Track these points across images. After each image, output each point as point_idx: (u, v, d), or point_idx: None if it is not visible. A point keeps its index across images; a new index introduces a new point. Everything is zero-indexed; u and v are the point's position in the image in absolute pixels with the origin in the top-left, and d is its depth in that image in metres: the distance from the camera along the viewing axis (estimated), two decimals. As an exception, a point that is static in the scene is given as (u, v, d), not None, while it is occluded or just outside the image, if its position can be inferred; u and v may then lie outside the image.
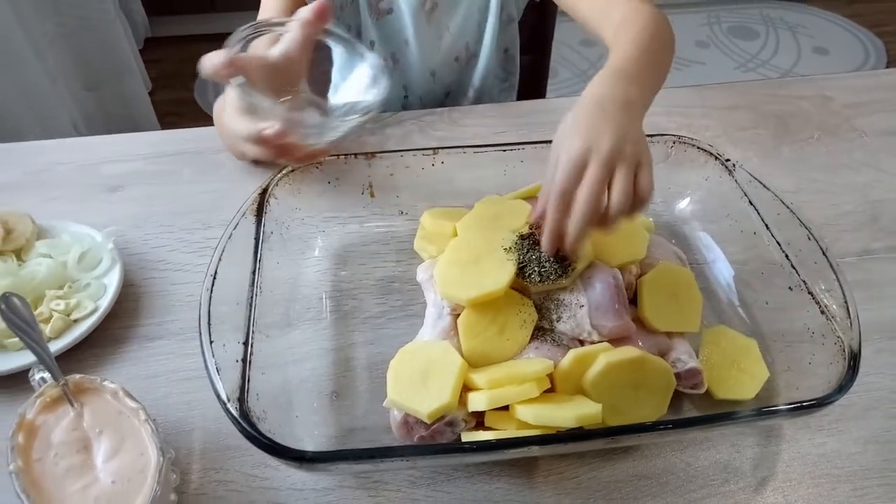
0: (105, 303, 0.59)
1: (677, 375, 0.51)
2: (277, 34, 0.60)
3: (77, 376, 0.49)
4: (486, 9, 0.90)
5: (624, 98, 0.56)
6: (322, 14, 0.59)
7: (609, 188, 0.49)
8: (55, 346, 0.55)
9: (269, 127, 0.53)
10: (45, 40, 1.69)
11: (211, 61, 0.53)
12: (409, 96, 0.96)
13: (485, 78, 0.95)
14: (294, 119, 0.55)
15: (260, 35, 0.59)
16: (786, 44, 2.51)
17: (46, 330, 0.56)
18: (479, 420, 0.50)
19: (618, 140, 0.50)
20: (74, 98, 1.83)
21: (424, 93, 0.95)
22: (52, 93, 1.67)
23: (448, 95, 0.98)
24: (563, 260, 0.52)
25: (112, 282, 0.61)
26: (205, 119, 0.76)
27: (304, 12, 0.59)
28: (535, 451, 0.46)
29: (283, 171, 0.62)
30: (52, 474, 0.45)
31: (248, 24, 0.59)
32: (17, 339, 0.56)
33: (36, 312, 0.56)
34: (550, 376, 0.50)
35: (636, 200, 0.50)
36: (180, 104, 2.20)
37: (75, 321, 0.58)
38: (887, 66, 2.41)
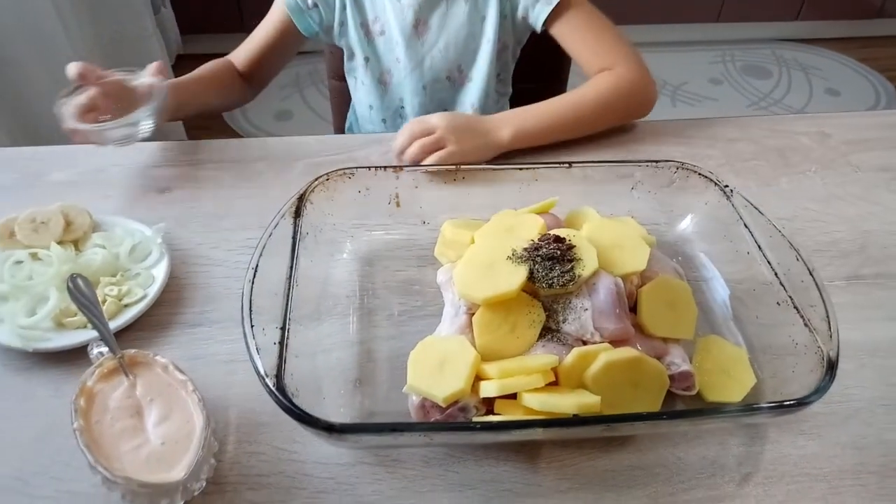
0: (153, 291, 0.66)
1: (671, 377, 0.56)
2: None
3: (132, 351, 0.55)
4: (480, 35, 0.98)
5: (491, 128, 0.84)
6: (160, 70, 0.80)
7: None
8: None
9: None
10: (87, 50, 1.79)
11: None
12: (406, 107, 1.05)
13: (483, 99, 1.03)
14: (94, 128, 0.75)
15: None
16: (798, 84, 2.58)
17: None
18: (489, 408, 0.55)
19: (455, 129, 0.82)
20: (110, 108, 1.92)
21: (419, 105, 1.03)
22: (91, 102, 1.75)
23: (445, 111, 1.05)
24: (568, 268, 0.58)
25: (159, 273, 0.67)
26: (232, 135, 0.84)
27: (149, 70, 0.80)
28: (538, 433, 0.51)
29: (319, 179, 0.68)
30: (109, 434, 0.50)
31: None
32: (75, 318, 0.62)
33: (92, 296, 0.63)
34: (555, 371, 0.55)
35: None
36: (207, 118, 2.28)
37: (126, 306, 0.64)
38: (897, 110, 2.47)
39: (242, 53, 1.01)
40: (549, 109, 0.86)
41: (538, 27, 0.96)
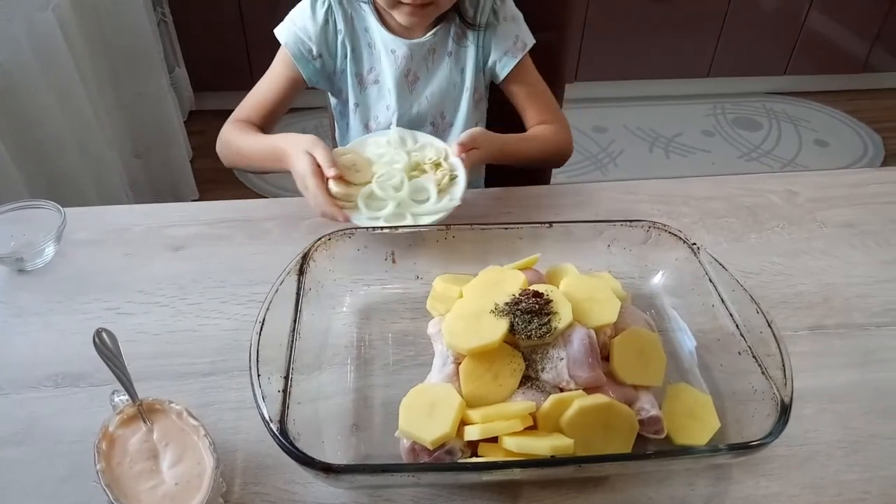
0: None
1: (641, 422, 0.62)
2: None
3: (150, 398, 0.61)
4: (460, 84, 1.08)
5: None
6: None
7: None
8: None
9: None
10: (106, 111, 1.89)
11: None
12: None
13: None
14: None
15: None
16: (788, 136, 2.67)
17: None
18: (473, 451, 0.60)
19: None
20: (125, 164, 2.01)
21: None
22: (109, 159, 1.85)
23: None
24: (545, 321, 0.64)
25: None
26: (241, 189, 0.91)
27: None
28: (516, 473, 0.56)
29: (321, 239, 0.75)
30: (128, 475, 0.56)
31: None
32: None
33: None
34: (534, 416, 0.60)
35: None
36: (218, 172, 2.38)
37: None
38: (884, 160, 2.55)
39: (254, 111, 1.06)
40: (521, 140, 1.04)
41: (500, 77, 1.07)
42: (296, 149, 0.89)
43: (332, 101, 1.17)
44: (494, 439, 0.59)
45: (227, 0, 2.38)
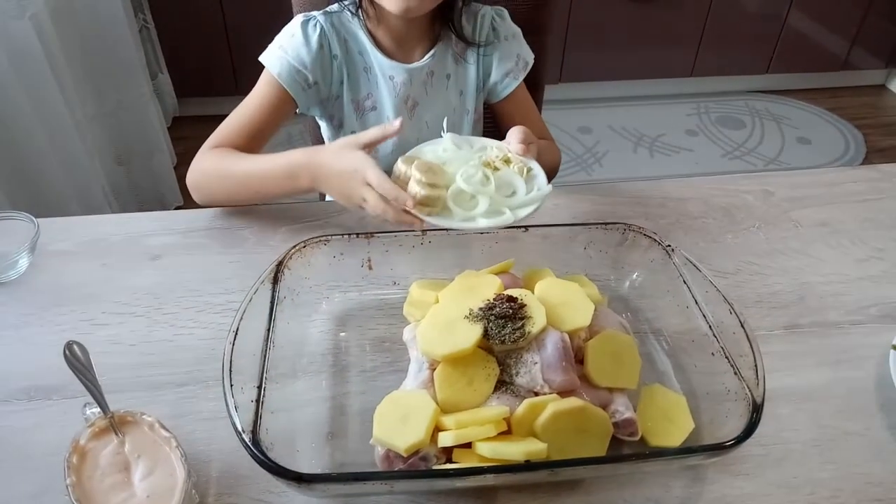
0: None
1: (615, 424, 0.62)
2: None
3: (121, 410, 0.60)
4: (460, 108, 1.07)
5: None
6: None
7: None
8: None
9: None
10: (86, 120, 1.88)
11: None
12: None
13: None
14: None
15: None
16: (771, 134, 2.68)
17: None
18: (448, 458, 0.60)
19: None
20: (106, 172, 2.00)
21: None
22: (90, 167, 1.83)
23: None
24: (519, 325, 0.64)
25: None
26: None
27: None
28: (490, 479, 0.56)
29: (296, 247, 0.75)
30: (100, 489, 0.55)
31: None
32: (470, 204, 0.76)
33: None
34: (508, 421, 0.60)
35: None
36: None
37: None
38: (866, 156, 2.57)
39: (239, 136, 0.95)
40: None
41: (500, 98, 1.06)
42: (339, 150, 0.82)
43: (322, 125, 1.12)
44: (469, 445, 0.59)
45: (209, 5, 2.36)
